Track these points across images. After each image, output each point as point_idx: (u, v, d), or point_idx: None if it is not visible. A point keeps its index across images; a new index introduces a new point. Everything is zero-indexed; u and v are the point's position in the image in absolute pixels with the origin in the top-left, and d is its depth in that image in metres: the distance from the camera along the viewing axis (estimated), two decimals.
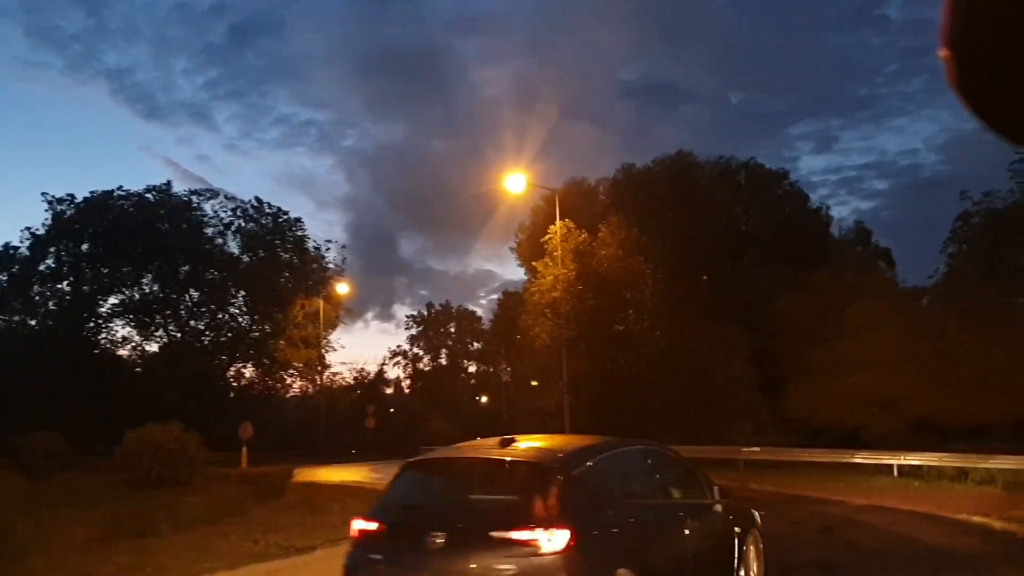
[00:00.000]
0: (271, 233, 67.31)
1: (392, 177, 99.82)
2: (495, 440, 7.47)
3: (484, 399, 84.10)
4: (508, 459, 6.98)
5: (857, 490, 24.24)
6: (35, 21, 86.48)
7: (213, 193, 65.87)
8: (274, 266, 66.63)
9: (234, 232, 66.65)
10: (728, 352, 32.97)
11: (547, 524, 6.01)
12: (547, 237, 36.53)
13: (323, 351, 68.47)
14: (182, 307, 65.07)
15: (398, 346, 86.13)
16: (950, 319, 30.00)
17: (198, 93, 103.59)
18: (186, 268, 64.06)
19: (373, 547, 6.74)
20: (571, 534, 6.00)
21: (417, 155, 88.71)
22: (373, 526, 6.78)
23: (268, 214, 67.53)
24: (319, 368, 68.78)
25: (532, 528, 5.99)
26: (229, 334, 65.58)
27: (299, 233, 68.41)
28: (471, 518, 6.52)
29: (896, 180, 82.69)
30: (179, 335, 65.41)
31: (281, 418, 67.01)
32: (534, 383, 43.17)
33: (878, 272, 33.35)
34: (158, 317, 64.20)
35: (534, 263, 37.61)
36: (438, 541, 6.16)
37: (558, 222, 35.96)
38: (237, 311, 66.21)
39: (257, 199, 67.67)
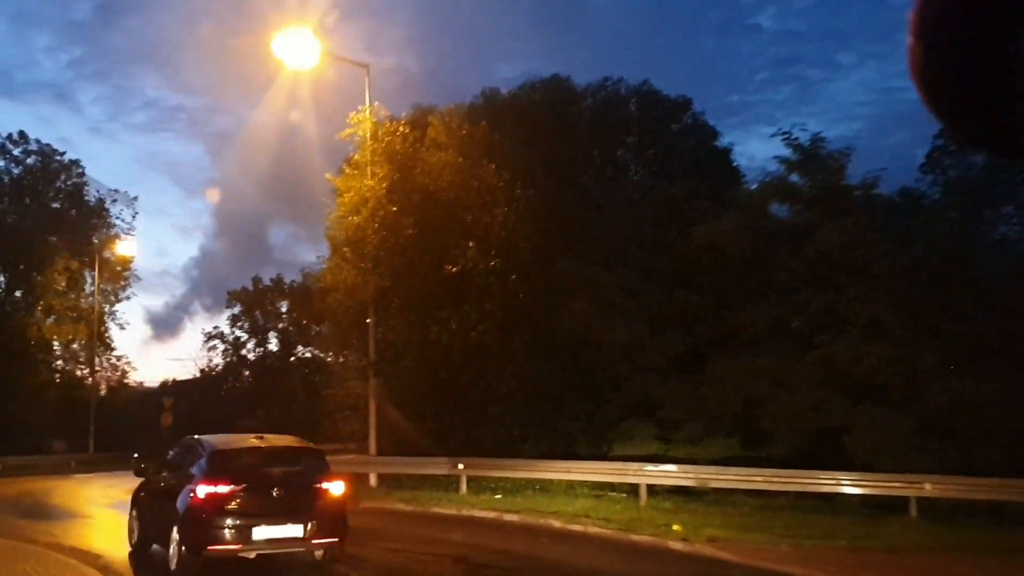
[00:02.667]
0: (40, 179, 51.38)
1: (261, 164, 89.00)
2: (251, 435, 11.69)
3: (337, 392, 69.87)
4: (297, 446, 11.44)
5: (882, 561, 11.99)
6: None
7: None
8: (38, 218, 50.71)
9: None
10: (621, 311, 20.44)
11: (336, 478, 10.61)
12: (350, 131, 23.05)
13: (102, 328, 52.81)
14: None
15: (215, 328, 69.93)
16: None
17: (62, 72, 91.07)
18: None
19: (228, 500, 9.82)
20: (345, 482, 10.77)
21: (286, 141, 79.25)
22: (225, 489, 9.82)
23: (34, 153, 51.41)
24: (98, 349, 52.96)
25: (332, 481, 10.47)
26: None
27: (75, 179, 52.65)
28: (292, 477, 10.42)
29: None
30: None
31: (44, 414, 51.20)
32: (330, 358, 29.58)
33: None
34: None
35: (329, 176, 24.10)
36: (278, 491, 10.05)
37: (367, 104, 22.68)
38: None
39: (21, 133, 51.46)
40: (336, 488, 10.33)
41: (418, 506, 18.02)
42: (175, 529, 9.96)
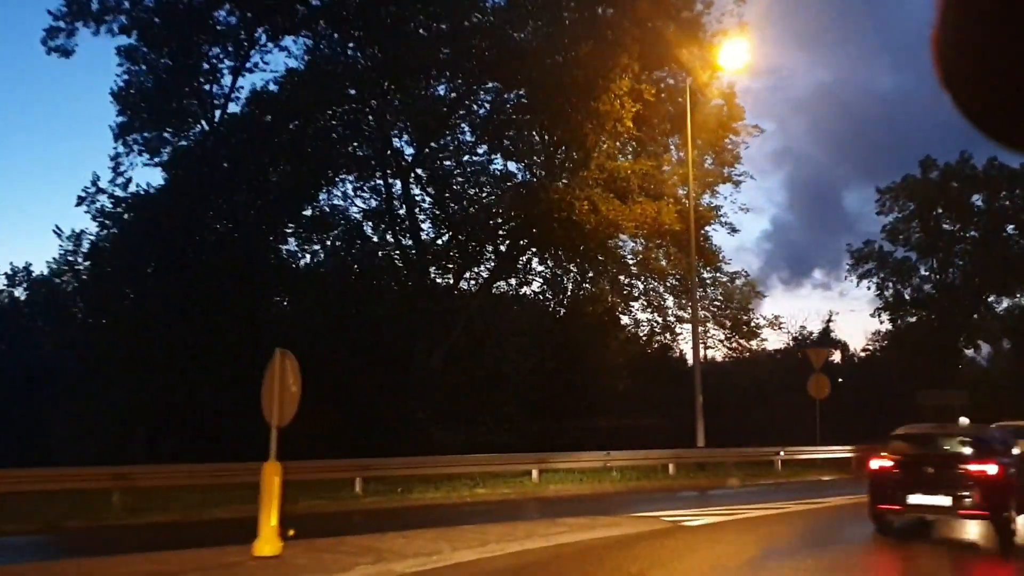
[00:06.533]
0: None
1: (831, 125, 79.33)
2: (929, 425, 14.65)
3: None
4: (962, 431, 13.92)
5: None
6: None
7: None
8: (595, 39, 27.51)
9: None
10: None
11: (992, 461, 12.04)
12: None
13: (700, 231, 27.78)
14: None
15: (863, 244, 40.83)
16: None
17: None
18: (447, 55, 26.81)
19: (892, 471, 12.46)
20: (999, 466, 12.01)
21: (857, 95, 71.86)
22: (889, 463, 12.53)
23: None
24: (698, 268, 28.20)
25: (987, 463, 11.95)
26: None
27: None
28: (949, 457, 12.54)
29: None
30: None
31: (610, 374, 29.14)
32: None
33: None
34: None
35: None
36: (933, 467, 12.19)
37: None
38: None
39: None
40: (990, 469, 11.91)
41: None
42: None
